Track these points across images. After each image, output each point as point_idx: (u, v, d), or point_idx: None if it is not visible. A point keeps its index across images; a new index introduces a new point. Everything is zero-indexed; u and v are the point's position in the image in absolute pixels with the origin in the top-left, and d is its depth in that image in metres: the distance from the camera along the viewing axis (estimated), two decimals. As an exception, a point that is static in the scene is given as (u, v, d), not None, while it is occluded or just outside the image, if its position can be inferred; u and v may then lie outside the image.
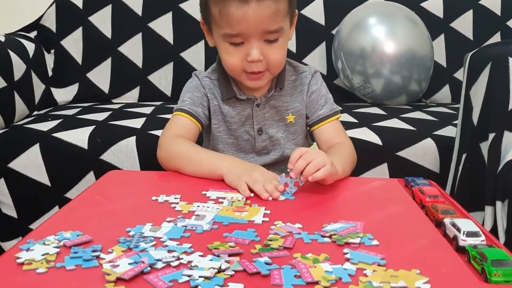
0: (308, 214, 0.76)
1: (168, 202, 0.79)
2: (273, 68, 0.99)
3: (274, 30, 0.94)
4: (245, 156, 1.08)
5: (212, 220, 0.72)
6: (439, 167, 1.46)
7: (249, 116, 1.06)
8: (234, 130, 1.07)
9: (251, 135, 1.07)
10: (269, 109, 1.07)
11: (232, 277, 0.55)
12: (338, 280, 0.54)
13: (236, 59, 0.96)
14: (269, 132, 1.07)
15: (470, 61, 1.32)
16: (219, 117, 1.06)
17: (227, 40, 0.95)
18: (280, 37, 0.96)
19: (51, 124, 1.54)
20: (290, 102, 1.08)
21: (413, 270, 0.56)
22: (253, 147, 1.08)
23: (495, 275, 0.54)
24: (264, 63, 0.96)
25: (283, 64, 1.02)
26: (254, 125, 1.06)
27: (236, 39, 0.94)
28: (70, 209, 0.78)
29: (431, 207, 0.74)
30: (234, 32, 0.93)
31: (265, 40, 0.95)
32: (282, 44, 0.98)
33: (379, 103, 1.89)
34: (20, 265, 0.57)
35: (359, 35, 1.84)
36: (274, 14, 0.92)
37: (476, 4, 2.13)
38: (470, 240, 0.63)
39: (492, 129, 1.20)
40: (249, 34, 0.93)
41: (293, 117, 1.08)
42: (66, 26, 2.01)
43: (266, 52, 0.95)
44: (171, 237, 0.65)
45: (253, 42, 0.94)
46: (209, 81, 1.07)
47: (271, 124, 1.07)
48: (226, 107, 1.05)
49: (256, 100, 1.05)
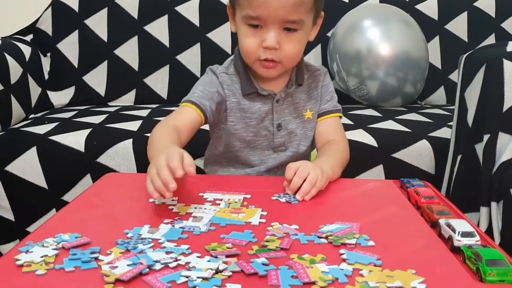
0: (304, 215, 0.77)
1: (165, 204, 0.80)
2: (286, 60, 0.98)
3: (294, 20, 0.94)
4: (261, 153, 1.08)
5: (209, 221, 0.72)
6: (434, 168, 1.47)
7: (269, 112, 1.05)
8: (253, 126, 1.06)
9: (270, 131, 1.06)
10: (288, 105, 1.07)
11: (229, 278, 0.55)
12: (334, 280, 0.54)
13: (252, 43, 0.96)
14: (288, 128, 1.07)
15: (465, 63, 1.33)
16: (237, 114, 1.05)
17: (246, 22, 0.96)
18: (300, 30, 0.96)
19: (48, 127, 1.55)
20: (307, 98, 1.09)
21: (408, 270, 0.57)
22: (271, 144, 1.07)
23: (490, 275, 0.55)
24: (279, 52, 0.96)
25: (297, 59, 1.02)
26: (274, 121, 1.06)
27: (255, 21, 0.95)
28: (68, 212, 0.78)
29: (427, 208, 0.75)
30: (254, 14, 0.93)
31: (284, 28, 0.95)
32: (300, 37, 0.97)
33: (374, 105, 1.90)
34: (19, 267, 0.57)
35: (354, 38, 1.85)
36: (297, 5, 0.92)
37: (470, 6, 2.14)
38: (465, 240, 0.63)
39: (487, 130, 1.21)
40: (269, 19, 0.93)
41: (311, 113, 1.08)
42: (62, 29, 2.02)
43: (283, 41, 0.95)
44: (169, 239, 0.65)
45: (271, 28, 0.94)
46: (227, 77, 1.06)
47: (290, 120, 1.07)
48: (247, 102, 1.04)
49: (276, 96, 1.05)
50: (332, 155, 1.00)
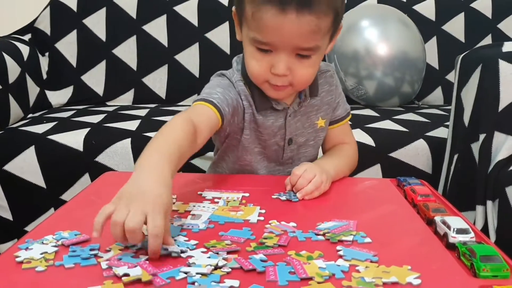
0: (302, 213, 0.78)
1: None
2: (297, 84, 0.90)
3: (309, 48, 0.84)
4: (267, 165, 1.03)
5: (208, 219, 0.73)
6: (431, 167, 1.48)
7: (281, 127, 0.98)
8: (264, 140, 0.99)
9: (280, 145, 1.00)
10: (300, 117, 1.00)
11: (228, 274, 0.56)
12: (331, 276, 0.55)
13: (261, 67, 0.87)
14: (298, 142, 1.01)
15: (461, 63, 1.34)
16: (252, 126, 0.97)
17: (255, 45, 0.86)
18: (314, 55, 0.86)
19: (46, 127, 1.55)
20: (320, 105, 1.01)
21: (404, 266, 0.58)
22: (279, 158, 1.01)
23: (484, 270, 0.56)
24: (289, 77, 0.87)
25: (309, 82, 0.93)
26: (286, 136, 0.99)
27: (264, 46, 0.85)
28: (67, 210, 0.79)
29: (423, 206, 0.76)
30: (264, 40, 0.84)
31: (297, 54, 0.85)
32: (314, 62, 0.88)
33: (372, 105, 1.91)
34: (19, 263, 0.58)
35: (352, 38, 1.86)
36: (312, 32, 0.82)
37: (467, 7, 2.15)
38: (460, 237, 0.64)
39: (483, 130, 1.22)
40: (280, 46, 0.84)
41: (323, 121, 1.02)
42: (61, 29, 2.02)
43: (294, 67, 0.86)
44: None
45: (282, 55, 0.84)
46: (243, 86, 0.95)
47: (302, 132, 1.01)
48: (261, 117, 0.96)
49: (289, 109, 0.97)
50: (339, 158, 0.99)
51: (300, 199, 0.83)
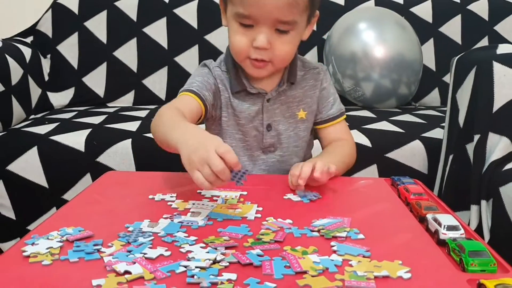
0: (298, 211, 0.80)
1: (165, 200, 0.83)
2: (277, 61, 0.96)
3: (287, 21, 0.91)
4: (251, 154, 1.06)
5: (207, 216, 0.75)
6: (427, 168, 1.50)
7: (259, 112, 1.03)
8: (243, 125, 1.04)
9: (260, 131, 1.04)
10: (279, 104, 1.04)
11: (226, 268, 0.58)
12: (325, 270, 0.57)
13: (243, 41, 0.94)
14: (278, 129, 1.05)
15: (456, 65, 1.36)
16: (230, 111, 1.03)
17: (238, 20, 0.93)
18: (292, 31, 0.94)
19: (48, 128, 1.57)
20: (302, 97, 1.06)
21: (395, 261, 0.60)
22: (260, 144, 1.05)
23: (472, 265, 0.58)
24: (270, 53, 0.94)
25: (289, 59, 1.00)
26: (264, 121, 1.03)
27: (246, 20, 0.92)
28: (71, 208, 0.81)
29: (415, 204, 0.78)
30: (246, 13, 0.91)
31: (276, 29, 0.92)
32: (292, 38, 0.95)
33: (369, 106, 1.93)
34: (26, 258, 0.60)
35: (349, 40, 1.89)
36: (291, 6, 0.90)
37: (464, 9, 2.18)
38: (450, 233, 0.66)
39: (477, 130, 1.24)
40: (261, 19, 0.91)
41: (304, 113, 1.05)
42: (62, 31, 2.05)
43: (274, 41, 0.93)
44: (168, 232, 0.68)
45: (263, 28, 0.92)
46: (220, 72, 1.04)
47: (281, 120, 1.05)
48: (236, 101, 1.02)
49: (267, 95, 1.02)
50: (337, 154, 1.00)
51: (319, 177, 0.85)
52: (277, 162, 1.07)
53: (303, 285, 0.54)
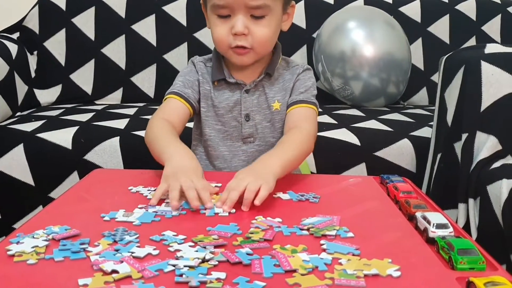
0: (288, 209, 0.79)
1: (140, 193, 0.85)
2: (258, 45, 1.00)
3: (259, 5, 0.96)
4: (231, 144, 1.08)
5: (181, 206, 0.77)
6: (415, 166, 1.51)
7: (237, 102, 1.06)
8: (222, 115, 1.07)
9: (239, 121, 1.07)
10: (257, 96, 1.07)
11: (215, 267, 0.57)
12: (314, 268, 0.57)
13: (222, 30, 0.99)
14: (256, 119, 1.07)
15: (444, 64, 1.37)
16: (209, 102, 1.07)
17: (215, 12, 0.99)
18: (267, 15, 0.98)
19: (35, 125, 1.55)
20: (278, 91, 1.08)
21: (385, 259, 0.60)
22: (240, 134, 1.08)
23: (461, 263, 0.58)
24: (249, 39, 0.99)
25: (269, 44, 1.03)
26: (242, 111, 1.06)
27: (222, 11, 0.98)
28: (57, 206, 0.80)
29: (404, 202, 0.78)
30: (220, 3, 0.97)
31: (251, 15, 0.98)
32: (269, 22, 0.99)
33: (358, 105, 1.94)
34: (11, 257, 0.59)
35: (339, 39, 1.89)
36: None
37: (452, 9, 2.20)
38: (439, 231, 0.67)
39: (465, 129, 1.25)
40: (235, 5, 0.96)
41: (279, 104, 1.08)
42: (49, 28, 2.02)
43: (251, 27, 0.98)
44: (142, 221, 0.70)
45: (239, 15, 0.97)
46: (203, 66, 1.10)
47: (259, 111, 1.08)
48: (216, 92, 1.07)
49: (246, 86, 1.06)
50: (287, 147, 0.95)
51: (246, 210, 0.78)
52: (256, 152, 1.08)
53: (293, 283, 0.54)
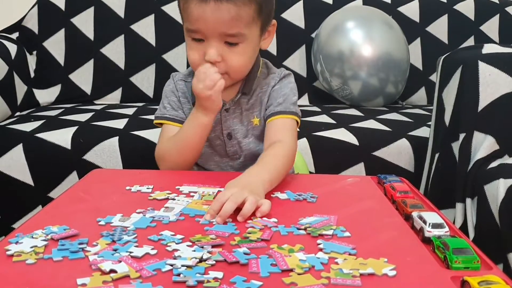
0: (285, 209, 0.80)
1: (141, 192, 0.86)
2: (232, 72, 0.97)
3: (233, 34, 0.92)
4: (219, 160, 1.08)
5: (179, 212, 0.76)
6: (413, 166, 1.52)
7: (218, 121, 1.03)
8: None
9: (221, 140, 1.06)
10: (238, 113, 1.05)
11: (212, 266, 0.58)
12: (311, 268, 0.58)
13: (196, 56, 0.95)
14: (238, 137, 1.05)
15: (442, 64, 1.37)
16: None
17: (189, 35, 0.96)
18: (242, 43, 0.94)
19: (34, 125, 1.56)
20: (255, 104, 1.05)
21: (381, 259, 0.60)
22: (226, 152, 1.07)
23: (456, 262, 0.59)
24: (223, 65, 0.94)
25: (244, 70, 1.00)
26: (223, 130, 1.05)
27: (196, 35, 0.94)
28: (56, 206, 0.81)
29: (401, 202, 0.78)
30: (193, 28, 0.93)
31: (225, 42, 0.93)
32: (244, 50, 0.95)
33: (356, 104, 1.94)
34: (9, 256, 0.59)
35: (337, 39, 1.89)
36: (233, 19, 0.91)
37: (451, 9, 2.20)
38: (435, 231, 0.67)
39: (463, 129, 1.25)
40: (208, 33, 0.92)
41: (257, 120, 1.05)
42: (49, 28, 2.02)
43: (225, 54, 0.94)
44: (138, 227, 0.70)
45: (212, 42, 0.93)
46: (183, 84, 1.07)
47: (240, 128, 1.05)
48: None
49: (225, 105, 1.02)
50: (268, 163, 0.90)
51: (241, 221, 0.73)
52: (244, 167, 1.02)
53: (289, 283, 0.54)
